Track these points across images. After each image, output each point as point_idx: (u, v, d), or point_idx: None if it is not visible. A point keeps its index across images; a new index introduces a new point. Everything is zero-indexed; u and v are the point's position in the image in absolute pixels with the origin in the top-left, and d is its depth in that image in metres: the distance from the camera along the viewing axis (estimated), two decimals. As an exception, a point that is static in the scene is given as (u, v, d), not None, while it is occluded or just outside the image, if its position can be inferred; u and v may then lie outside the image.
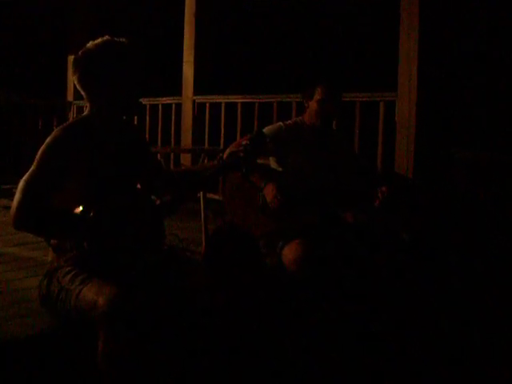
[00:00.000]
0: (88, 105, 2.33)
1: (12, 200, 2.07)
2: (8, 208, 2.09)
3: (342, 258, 3.12)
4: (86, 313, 2.05)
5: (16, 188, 2.10)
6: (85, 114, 2.34)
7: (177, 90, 6.49)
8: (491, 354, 2.99)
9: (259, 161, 3.32)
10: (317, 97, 3.29)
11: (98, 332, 2.01)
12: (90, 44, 2.25)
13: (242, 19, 8.63)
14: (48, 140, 2.17)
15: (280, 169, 3.35)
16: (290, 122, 3.43)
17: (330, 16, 8.05)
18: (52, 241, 2.28)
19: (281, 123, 3.40)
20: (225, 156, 2.45)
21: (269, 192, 3.13)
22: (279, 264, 3.07)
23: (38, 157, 2.15)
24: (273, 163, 3.38)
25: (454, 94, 5.04)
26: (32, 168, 2.13)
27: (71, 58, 2.27)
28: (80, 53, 2.24)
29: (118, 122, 2.37)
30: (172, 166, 6.20)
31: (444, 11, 4.62)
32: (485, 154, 4.10)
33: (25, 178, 2.11)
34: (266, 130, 3.31)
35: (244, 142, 2.36)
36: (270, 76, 8.07)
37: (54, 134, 2.19)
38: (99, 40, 2.25)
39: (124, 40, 2.27)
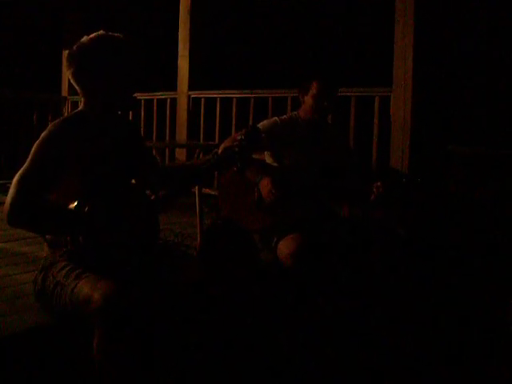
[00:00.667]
0: (83, 100, 2.33)
1: (5, 195, 2.06)
2: (2, 204, 2.08)
3: (337, 253, 3.13)
4: (81, 308, 2.05)
5: (11, 183, 2.10)
6: (79, 108, 2.34)
7: (172, 85, 6.48)
8: (488, 351, 3.00)
9: (254, 156, 3.32)
10: (312, 92, 3.28)
11: (94, 327, 2.01)
12: (84, 39, 2.25)
13: (238, 14, 8.61)
14: (43, 135, 2.17)
15: (275, 164, 3.35)
16: (285, 116, 3.43)
17: (325, 11, 8.04)
18: (47, 236, 2.28)
19: (276, 118, 3.39)
20: (219, 151, 2.45)
21: (264, 186, 3.13)
22: (274, 259, 3.08)
23: (32, 152, 2.15)
24: (268, 158, 3.38)
25: (449, 89, 5.04)
26: (26, 163, 2.13)
27: (66, 52, 2.27)
28: (75, 47, 2.24)
29: (112, 117, 2.36)
30: (167, 161, 6.19)
31: (440, 5, 4.62)
32: (480, 148, 4.10)
33: (19, 173, 2.11)
34: (261, 124, 3.30)
35: (239, 137, 2.35)
36: (265, 71, 8.06)
37: (48, 129, 2.19)
38: (94, 35, 2.25)
39: (119, 35, 2.27)
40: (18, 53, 8.70)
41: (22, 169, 2.12)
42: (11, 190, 2.06)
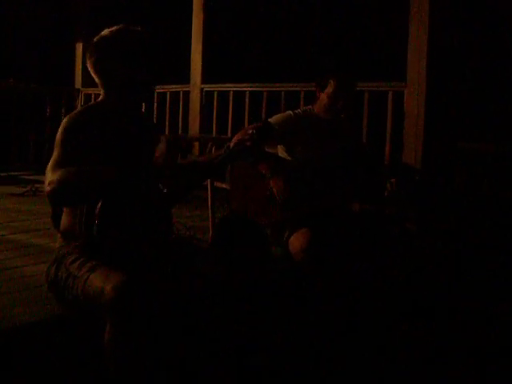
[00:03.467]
0: (102, 91, 2.34)
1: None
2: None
3: (348, 248, 3.12)
4: (93, 300, 2.06)
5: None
6: (99, 99, 2.36)
7: (185, 78, 6.47)
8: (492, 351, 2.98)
9: (267, 149, 3.31)
10: (328, 90, 3.25)
11: (105, 319, 2.02)
12: (105, 31, 2.29)
13: (251, 7, 8.59)
14: (65, 120, 2.20)
15: (288, 158, 3.33)
16: (299, 110, 3.41)
17: (340, 5, 8.01)
18: (62, 227, 2.28)
19: (290, 112, 3.37)
20: (232, 144, 2.44)
21: (278, 185, 3.12)
22: (285, 253, 3.07)
23: (57, 140, 2.17)
24: (281, 152, 3.37)
25: (463, 85, 5.01)
26: (55, 152, 2.15)
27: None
28: (95, 39, 2.28)
29: (129, 109, 2.37)
30: (179, 154, 6.20)
31: (454, 1, 4.60)
32: (493, 145, 4.09)
33: (51, 160, 2.12)
34: (275, 118, 3.30)
35: (250, 132, 2.35)
36: (278, 65, 8.05)
37: (70, 115, 2.22)
38: (114, 27, 2.29)
39: (139, 28, 2.29)
40: (29, 46, 8.72)
41: (52, 157, 2.13)
42: (47, 175, 2.06)
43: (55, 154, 2.14)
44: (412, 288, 3.32)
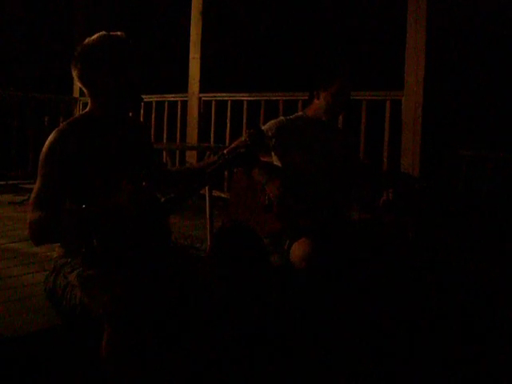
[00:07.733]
0: (89, 101, 2.34)
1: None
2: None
3: (347, 256, 3.12)
4: (91, 310, 2.06)
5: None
6: (86, 109, 2.35)
7: (183, 87, 6.49)
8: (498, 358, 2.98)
9: (263, 159, 3.31)
10: (333, 90, 3.24)
11: (103, 328, 2.01)
12: (87, 40, 2.29)
13: (249, 16, 8.62)
14: (47, 143, 2.21)
15: (282, 164, 3.32)
16: (291, 116, 3.41)
17: (336, 14, 8.04)
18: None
19: (282, 118, 3.37)
20: (226, 152, 2.46)
21: (274, 190, 3.11)
22: (286, 262, 3.07)
23: (39, 166, 2.19)
24: (275, 159, 3.36)
25: (460, 93, 5.03)
26: (37, 181, 2.17)
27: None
28: (78, 49, 2.27)
29: (119, 118, 2.37)
30: (177, 163, 6.20)
31: (452, 9, 4.62)
32: (490, 153, 4.10)
33: (32, 194, 2.15)
34: (268, 124, 3.30)
35: (243, 139, 2.38)
36: (276, 74, 8.07)
37: (52, 135, 2.22)
38: (96, 35, 2.28)
39: (120, 34, 2.28)
40: (28, 54, 8.73)
41: (34, 188, 2.16)
42: (29, 214, 2.11)
43: (38, 183, 2.16)
44: (411, 292, 3.32)
